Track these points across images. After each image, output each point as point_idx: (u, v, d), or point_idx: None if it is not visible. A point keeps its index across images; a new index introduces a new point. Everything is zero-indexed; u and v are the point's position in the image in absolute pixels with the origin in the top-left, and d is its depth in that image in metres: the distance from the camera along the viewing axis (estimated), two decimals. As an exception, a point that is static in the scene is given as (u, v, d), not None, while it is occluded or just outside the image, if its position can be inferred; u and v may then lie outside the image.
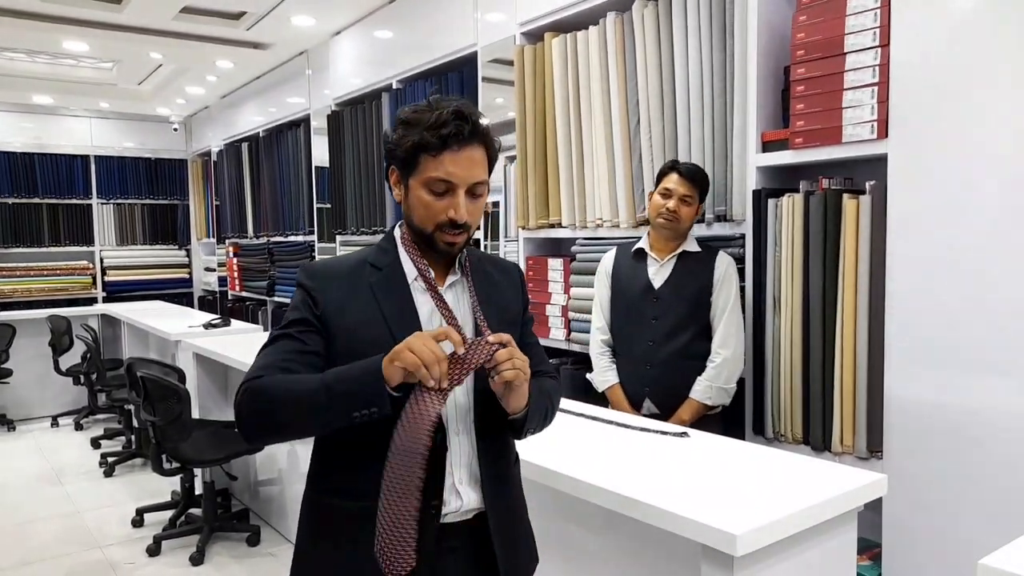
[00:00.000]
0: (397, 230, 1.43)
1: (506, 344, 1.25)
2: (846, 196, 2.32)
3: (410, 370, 1.17)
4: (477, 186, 1.33)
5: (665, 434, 2.09)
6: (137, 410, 3.83)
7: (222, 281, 7.88)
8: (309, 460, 1.43)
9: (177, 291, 8.78)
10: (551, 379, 1.51)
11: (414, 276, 1.37)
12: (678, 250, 2.59)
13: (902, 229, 2.18)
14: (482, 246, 3.95)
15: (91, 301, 8.03)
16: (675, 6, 2.83)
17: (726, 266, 2.56)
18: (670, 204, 2.54)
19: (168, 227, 9.02)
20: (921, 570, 2.17)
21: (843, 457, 2.35)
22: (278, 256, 6.54)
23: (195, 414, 3.89)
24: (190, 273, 9.08)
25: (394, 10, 4.71)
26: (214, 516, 3.78)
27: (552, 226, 3.47)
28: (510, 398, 1.29)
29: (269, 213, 6.75)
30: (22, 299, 7.89)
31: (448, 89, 4.19)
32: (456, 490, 1.35)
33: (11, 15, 4.96)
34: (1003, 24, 1.96)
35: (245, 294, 7.21)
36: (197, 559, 3.54)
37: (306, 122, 6.00)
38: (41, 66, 6.70)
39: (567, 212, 3.37)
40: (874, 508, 2.12)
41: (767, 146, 2.56)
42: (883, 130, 2.21)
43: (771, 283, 2.54)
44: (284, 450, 3.71)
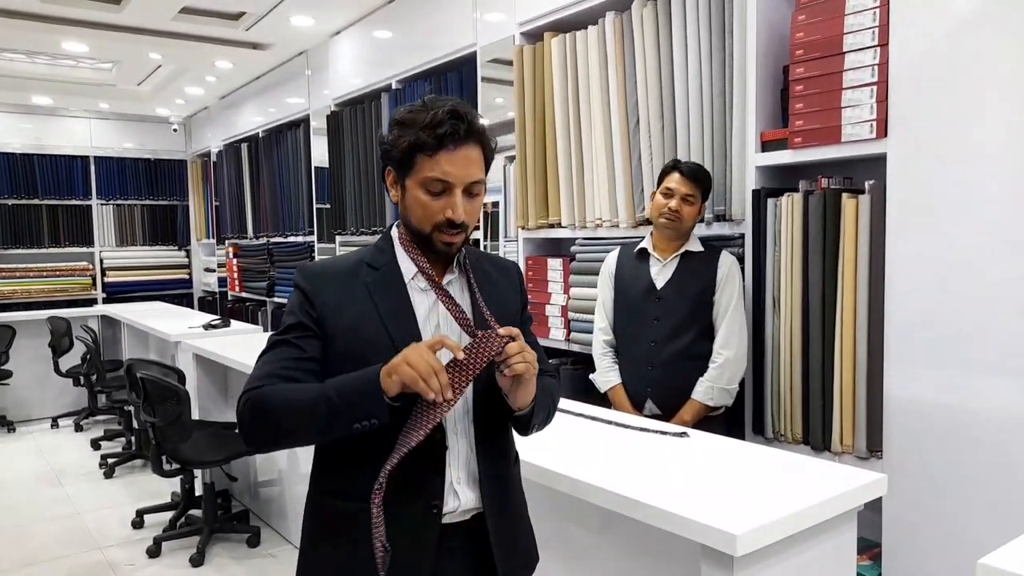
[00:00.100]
0: (394, 230, 1.43)
1: (515, 338, 1.25)
2: (845, 196, 2.32)
3: (408, 384, 1.18)
4: (474, 185, 1.33)
5: (665, 434, 2.09)
6: (137, 411, 3.83)
7: (222, 282, 7.88)
8: (311, 461, 1.43)
9: (177, 292, 8.79)
10: (551, 378, 1.51)
11: (411, 275, 1.37)
12: (681, 250, 2.58)
13: (901, 228, 2.17)
14: (482, 246, 3.95)
15: (91, 302, 8.04)
16: (674, 6, 2.83)
17: (729, 266, 2.55)
18: (672, 204, 2.53)
19: (168, 228, 9.02)
20: (921, 570, 2.17)
21: (843, 457, 2.35)
22: (278, 257, 6.54)
23: (195, 415, 3.89)
24: (190, 274, 9.08)
25: (393, 10, 4.71)
26: (214, 517, 3.77)
27: (552, 226, 3.47)
28: (518, 393, 1.29)
29: (269, 214, 6.75)
30: (22, 300, 7.89)
31: (448, 89, 4.19)
32: (454, 490, 1.35)
33: (10, 16, 4.96)
34: (1002, 23, 1.96)
35: (245, 295, 7.21)
36: (197, 560, 3.54)
37: (305, 122, 6.00)
38: (40, 67, 6.71)
39: (566, 212, 3.37)
40: (874, 508, 2.12)
41: (766, 146, 2.56)
42: (882, 129, 2.21)
43: (770, 283, 2.54)
44: (284, 451, 3.70)
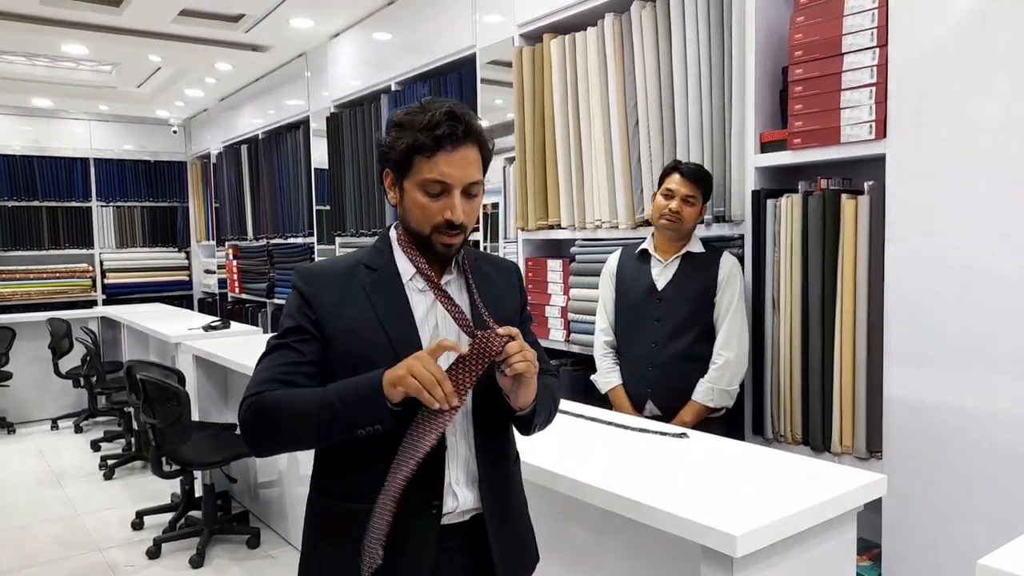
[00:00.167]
0: (392, 231, 1.43)
1: (515, 337, 1.25)
2: (845, 196, 2.32)
3: (412, 395, 1.19)
4: (472, 186, 1.33)
5: (665, 435, 2.09)
6: (137, 412, 3.84)
7: (222, 283, 7.89)
8: (311, 463, 1.43)
9: (177, 293, 8.80)
10: (552, 377, 1.51)
11: (409, 276, 1.37)
12: (682, 251, 2.58)
13: (901, 229, 2.18)
14: (481, 247, 3.95)
15: (91, 304, 8.04)
16: (673, 7, 2.83)
17: (730, 267, 2.54)
18: (672, 205, 2.52)
19: (168, 229, 9.03)
20: (921, 570, 2.17)
21: (843, 457, 2.35)
22: (278, 258, 6.55)
23: (195, 416, 3.89)
24: (190, 275, 9.09)
25: (393, 12, 4.71)
26: (214, 518, 3.77)
27: (551, 227, 3.47)
28: (519, 393, 1.29)
29: (268, 215, 6.75)
30: (22, 302, 7.90)
31: (447, 91, 4.19)
32: (453, 490, 1.35)
33: (10, 19, 4.96)
34: (1001, 24, 1.96)
35: (245, 296, 7.21)
36: (197, 561, 3.53)
37: (305, 124, 6.00)
38: (40, 69, 6.71)
39: (566, 213, 3.37)
40: (874, 508, 2.11)
41: (765, 147, 2.56)
42: (881, 130, 2.21)
43: (770, 283, 2.54)
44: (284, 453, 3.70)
